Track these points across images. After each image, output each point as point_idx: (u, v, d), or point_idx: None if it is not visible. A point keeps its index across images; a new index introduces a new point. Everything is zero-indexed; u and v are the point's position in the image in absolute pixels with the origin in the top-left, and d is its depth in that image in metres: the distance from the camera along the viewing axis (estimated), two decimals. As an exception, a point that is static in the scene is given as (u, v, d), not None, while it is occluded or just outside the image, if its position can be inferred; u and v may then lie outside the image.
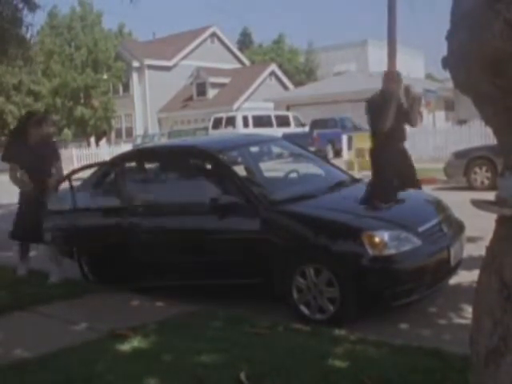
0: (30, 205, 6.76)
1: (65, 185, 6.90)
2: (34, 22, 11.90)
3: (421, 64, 55.64)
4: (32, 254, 7.41)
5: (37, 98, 42.24)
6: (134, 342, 4.46)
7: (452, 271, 5.50)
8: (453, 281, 5.76)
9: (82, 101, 42.24)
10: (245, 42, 70.56)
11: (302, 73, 58.37)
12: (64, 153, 23.63)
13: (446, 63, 1.89)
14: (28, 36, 12.00)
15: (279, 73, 48.90)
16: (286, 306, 5.26)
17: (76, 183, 6.88)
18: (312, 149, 17.36)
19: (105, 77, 43.32)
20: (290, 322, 4.90)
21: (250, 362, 3.90)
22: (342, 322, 4.88)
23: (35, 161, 6.75)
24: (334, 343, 4.27)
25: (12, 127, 41.18)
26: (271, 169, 7.29)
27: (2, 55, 12.09)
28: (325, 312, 5.06)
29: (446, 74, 1.96)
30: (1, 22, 10.87)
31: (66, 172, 7.18)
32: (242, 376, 3.65)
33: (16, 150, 6.82)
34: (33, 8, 11.37)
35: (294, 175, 6.85)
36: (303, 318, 5.08)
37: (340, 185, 6.41)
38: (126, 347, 4.39)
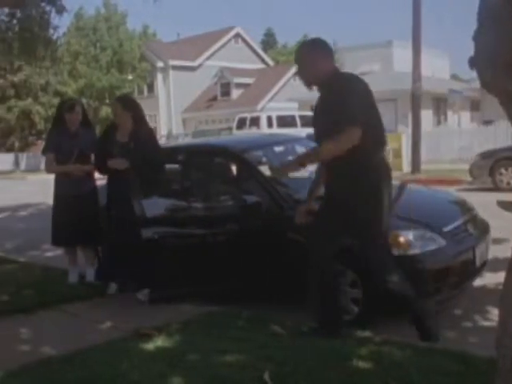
0: (67, 205, 6.49)
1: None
2: (60, 24, 12.07)
3: (446, 64, 55.13)
4: (57, 252, 7.46)
5: (63, 99, 42.70)
6: (158, 342, 4.47)
7: (477, 272, 5.45)
8: (478, 282, 5.71)
9: (107, 101, 42.56)
10: (269, 42, 70.72)
11: (326, 73, 58.21)
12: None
13: (473, 63, 1.88)
14: (55, 38, 12.15)
15: (303, 73, 48.78)
16: (310, 306, 5.24)
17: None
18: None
19: (129, 77, 43.65)
20: (314, 322, 4.88)
21: (273, 362, 3.89)
22: (366, 323, 4.86)
23: (73, 146, 6.52)
24: (357, 344, 4.25)
25: (39, 127, 41.79)
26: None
27: (30, 56, 12.25)
28: (349, 313, 5.03)
29: (472, 74, 1.95)
30: (30, 25, 11.01)
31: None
32: (266, 376, 3.65)
33: (54, 140, 6.66)
34: (60, 10, 11.51)
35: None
36: (327, 319, 5.06)
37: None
38: (150, 346, 4.40)
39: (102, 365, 4.06)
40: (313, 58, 4.45)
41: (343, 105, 4.19)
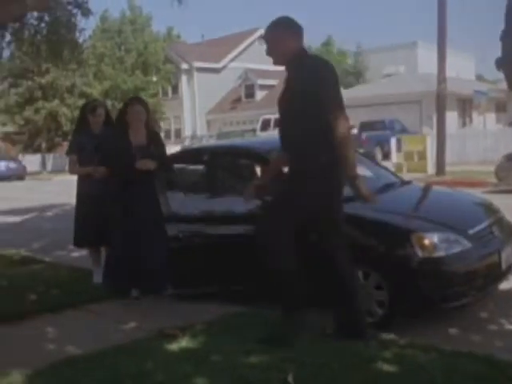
0: (90, 205, 6.53)
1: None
2: (86, 27, 12.18)
3: (471, 65, 54.76)
4: (83, 252, 7.52)
5: (88, 100, 43.10)
6: (182, 342, 4.49)
7: (503, 276, 5.40)
8: (504, 286, 5.66)
9: (132, 103, 42.80)
10: (293, 43, 70.49)
11: (350, 75, 58.05)
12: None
13: (500, 64, 1.87)
14: (81, 40, 12.27)
15: (328, 75, 48.70)
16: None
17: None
18: (360, 151, 17.27)
19: (154, 79, 43.92)
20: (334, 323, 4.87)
21: (297, 363, 3.89)
22: (391, 326, 4.84)
23: (99, 149, 6.46)
24: (382, 347, 4.23)
25: (65, 128, 42.23)
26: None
27: (57, 59, 12.37)
28: (373, 315, 5.02)
29: (498, 75, 1.94)
30: (57, 28, 11.13)
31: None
32: (290, 378, 3.65)
33: (77, 141, 6.71)
34: (86, 13, 11.61)
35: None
36: (351, 321, 5.05)
37: (389, 186, 6.36)
38: (174, 347, 4.43)
39: (127, 365, 4.09)
40: (279, 37, 4.36)
41: (321, 91, 4.12)
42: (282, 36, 4.36)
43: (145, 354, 4.30)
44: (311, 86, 4.15)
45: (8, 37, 11.31)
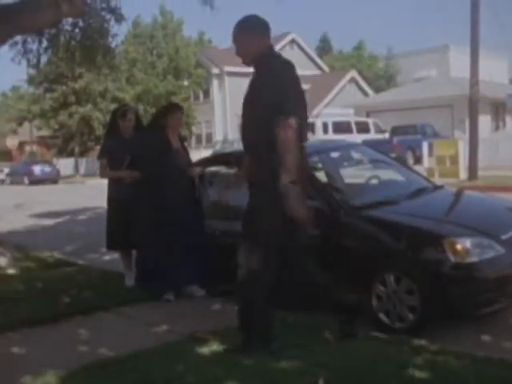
0: (120, 209, 6.57)
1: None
2: (119, 32, 12.31)
3: (504, 68, 54.14)
4: (115, 256, 7.57)
5: (120, 105, 43.49)
6: (214, 346, 4.50)
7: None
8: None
9: (164, 107, 43.07)
10: (324, 48, 70.48)
11: (381, 79, 57.78)
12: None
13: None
14: (113, 45, 12.39)
15: (359, 79, 48.60)
16: (364, 313, 5.22)
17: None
18: (392, 155, 17.18)
19: (185, 84, 44.15)
20: (370, 330, 4.86)
21: (328, 369, 3.87)
22: (422, 332, 4.81)
23: (128, 153, 6.55)
24: (413, 353, 4.20)
25: (98, 133, 42.71)
26: (351, 175, 7.26)
27: (90, 64, 12.52)
28: (404, 321, 4.99)
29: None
30: (90, 33, 11.28)
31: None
32: (321, 383, 3.65)
33: (108, 145, 6.78)
34: (119, 19, 11.74)
35: (374, 181, 6.80)
36: (382, 327, 5.03)
37: (421, 191, 6.33)
38: (205, 350, 4.44)
39: (158, 368, 4.11)
40: (245, 37, 4.30)
41: (279, 94, 4.02)
42: (249, 36, 4.30)
43: (176, 357, 4.32)
44: (272, 89, 4.08)
45: (45, 43, 11.49)
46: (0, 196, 13.46)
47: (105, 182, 6.92)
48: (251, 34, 4.29)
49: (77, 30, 11.36)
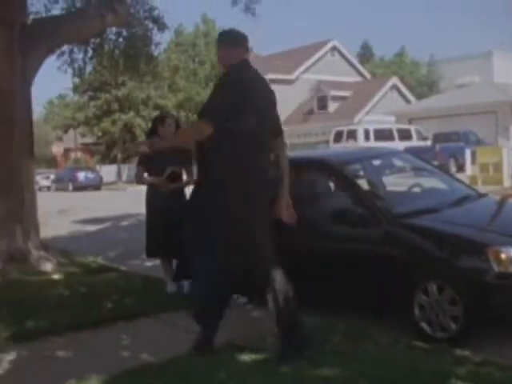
0: (159, 217, 6.59)
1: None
2: (161, 41, 12.48)
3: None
4: (156, 262, 7.60)
5: (161, 112, 44.03)
6: (252, 353, 4.51)
7: None
8: None
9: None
10: (365, 55, 70.18)
11: (424, 85, 57.28)
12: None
13: None
14: (156, 54, 12.57)
15: (401, 86, 48.22)
16: (406, 321, 5.17)
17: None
18: (434, 163, 17.01)
19: (227, 91, 44.33)
20: (411, 339, 4.81)
21: (369, 377, 3.86)
22: (465, 342, 4.74)
23: (167, 161, 6.52)
24: (456, 363, 4.15)
25: (139, 139, 43.19)
26: (394, 182, 7.21)
27: (133, 72, 12.71)
28: (447, 330, 4.92)
29: None
30: (133, 42, 11.46)
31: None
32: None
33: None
34: (162, 28, 11.92)
35: (416, 189, 6.75)
36: (424, 336, 4.98)
37: (464, 199, 6.25)
38: (245, 358, 4.44)
39: (198, 374, 4.14)
40: (222, 49, 4.55)
41: (209, 98, 4.35)
42: (225, 49, 4.54)
43: (216, 364, 4.33)
44: (213, 96, 4.36)
45: (90, 52, 11.71)
46: (45, 202, 13.71)
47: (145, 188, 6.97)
48: (227, 47, 4.53)
49: (121, 39, 11.58)
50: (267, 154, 4.49)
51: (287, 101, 47.38)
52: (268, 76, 46.80)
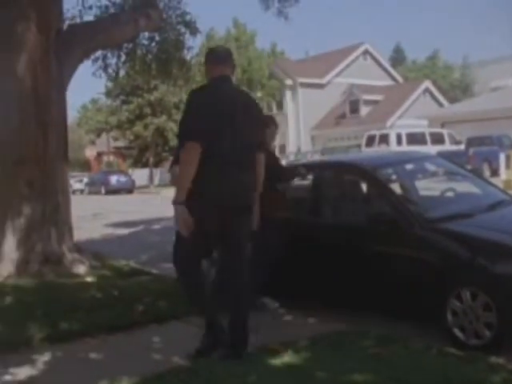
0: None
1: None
2: (193, 45, 12.58)
3: None
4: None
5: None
6: (286, 358, 4.50)
7: None
8: None
9: (237, 119, 43.45)
10: (398, 58, 69.80)
11: (457, 89, 56.78)
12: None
13: None
14: (188, 58, 12.65)
15: (433, 89, 47.85)
16: (439, 328, 5.13)
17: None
18: (468, 167, 16.81)
19: (259, 95, 44.42)
20: (444, 345, 4.76)
21: (401, 383, 3.83)
22: (500, 349, 4.68)
23: None
24: (490, 371, 4.09)
25: (172, 144, 43.47)
26: (426, 187, 7.15)
27: (166, 76, 12.81)
28: (481, 337, 4.86)
29: None
30: (166, 47, 11.57)
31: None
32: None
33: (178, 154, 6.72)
34: (194, 32, 12.02)
35: (450, 193, 6.68)
36: (457, 343, 4.92)
37: (498, 204, 6.17)
38: (277, 362, 4.44)
39: (230, 378, 4.13)
40: (206, 66, 4.89)
41: (181, 119, 4.56)
42: (207, 65, 4.89)
43: (248, 367, 4.33)
44: (185, 115, 4.58)
45: (123, 57, 11.85)
46: (79, 205, 13.89)
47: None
48: (208, 64, 4.87)
49: (153, 44, 11.68)
50: (240, 167, 4.53)
51: (319, 105, 47.39)
52: (300, 80, 46.88)
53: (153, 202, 26.83)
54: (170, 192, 9.88)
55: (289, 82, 47.86)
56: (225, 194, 4.46)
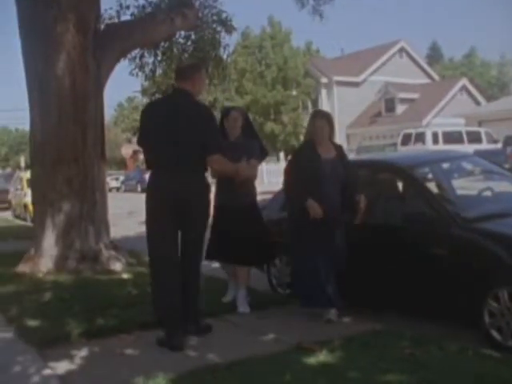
0: (227, 218, 6.21)
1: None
2: (229, 43, 12.59)
3: None
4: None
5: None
6: (320, 357, 4.50)
7: None
8: None
9: (272, 117, 43.51)
10: (434, 56, 69.08)
11: (494, 87, 56.00)
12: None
13: None
14: (224, 56, 12.69)
15: (470, 87, 47.26)
16: (475, 328, 5.07)
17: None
18: (505, 166, 16.57)
19: (294, 93, 44.37)
20: (480, 346, 4.72)
21: (436, 384, 3.81)
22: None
23: (232, 158, 5.83)
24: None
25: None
26: (463, 186, 7.07)
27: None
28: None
29: None
30: (202, 45, 11.62)
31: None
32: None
33: None
34: (230, 30, 12.05)
35: (487, 193, 6.60)
36: (494, 344, 4.87)
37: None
38: (312, 361, 4.44)
39: (264, 376, 4.16)
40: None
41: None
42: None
43: (282, 366, 4.35)
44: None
45: (159, 56, 11.95)
46: (115, 203, 14.05)
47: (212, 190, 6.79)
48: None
49: (189, 43, 11.74)
50: (173, 170, 5.06)
51: (354, 103, 47.13)
52: (335, 78, 46.67)
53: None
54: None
55: (324, 80, 47.68)
56: None
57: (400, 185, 6.60)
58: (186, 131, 5.06)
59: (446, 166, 7.05)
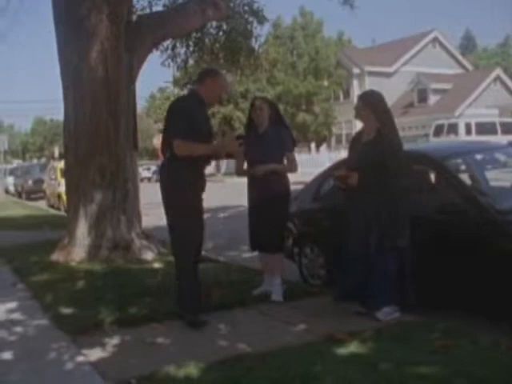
0: (256, 207, 6.25)
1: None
2: (261, 34, 12.57)
3: None
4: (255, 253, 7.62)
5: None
6: (351, 347, 4.49)
7: None
8: None
9: (304, 107, 43.39)
10: (468, 46, 68.21)
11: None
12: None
13: None
14: (256, 47, 12.68)
15: (505, 77, 46.55)
16: (510, 322, 5.02)
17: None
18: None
19: (326, 84, 44.21)
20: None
21: (469, 378, 3.77)
22: None
23: (261, 150, 6.07)
24: None
25: (238, 132, 43.66)
26: (497, 177, 6.98)
27: (234, 65, 12.88)
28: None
29: None
30: (234, 36, 11.63)
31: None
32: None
33: (244, 141, 5.82)
34: (261, 21, 12.04)
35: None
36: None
37: None
38: (342, 351, 4.44)
39: (294, 366, 4.15)
40: None
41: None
42: None
43: (313, 356, 4.35)
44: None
45: (191, 46, 11.98)
46: (146, 193, 14.14)
47: (244, 180, 6.64)
48: None
49: (221, 33, 11.75)
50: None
51: (386, 94, 45.71)
52: (367, 68, 46.33)
53: (218, 190, 27.02)
54: (237, 180, 9.91)
55: (356, 70, 47.38)
56: None
57: (433, 176, 6.53)
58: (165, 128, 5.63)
59: (479, 156, 6.97)
